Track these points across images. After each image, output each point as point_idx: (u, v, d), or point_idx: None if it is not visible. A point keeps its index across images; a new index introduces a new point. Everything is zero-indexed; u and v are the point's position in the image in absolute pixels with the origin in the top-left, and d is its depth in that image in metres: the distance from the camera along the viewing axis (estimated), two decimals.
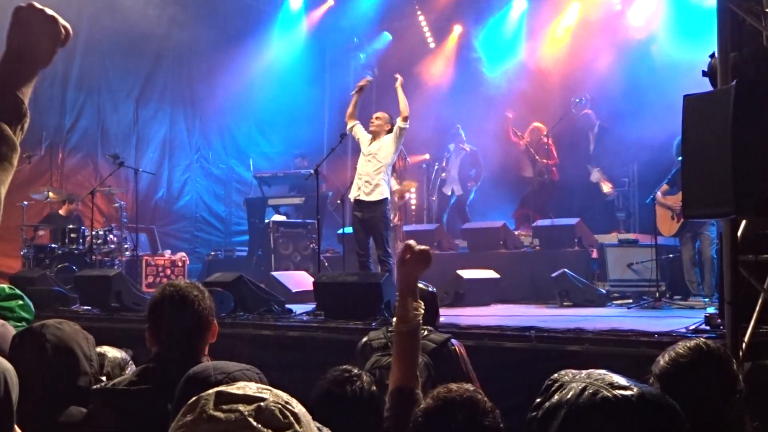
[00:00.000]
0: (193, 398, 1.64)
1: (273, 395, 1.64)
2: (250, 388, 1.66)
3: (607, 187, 13.67)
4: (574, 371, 1.99)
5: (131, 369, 3.88)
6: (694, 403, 2.49)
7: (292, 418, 1.61)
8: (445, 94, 17.01)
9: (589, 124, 14.00)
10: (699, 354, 2.79)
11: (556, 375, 1.99)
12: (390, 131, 10.45)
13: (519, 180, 15.05)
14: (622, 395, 1.83)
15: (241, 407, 1.59)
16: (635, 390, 1.85)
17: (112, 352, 3.99)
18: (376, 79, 18.86)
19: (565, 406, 1.87)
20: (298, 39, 18.61)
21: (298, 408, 1.64)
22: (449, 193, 15.59)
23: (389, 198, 10.48)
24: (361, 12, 18.06)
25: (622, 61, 14.43)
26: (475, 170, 15.37)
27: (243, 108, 18.19)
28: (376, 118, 10.93)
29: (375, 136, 10.68)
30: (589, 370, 1.97)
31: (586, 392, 1.86)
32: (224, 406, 1.60)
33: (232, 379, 2.75)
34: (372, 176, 10.36)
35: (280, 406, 1.62)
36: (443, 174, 15.70)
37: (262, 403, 1.61)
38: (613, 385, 1.86)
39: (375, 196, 10.30)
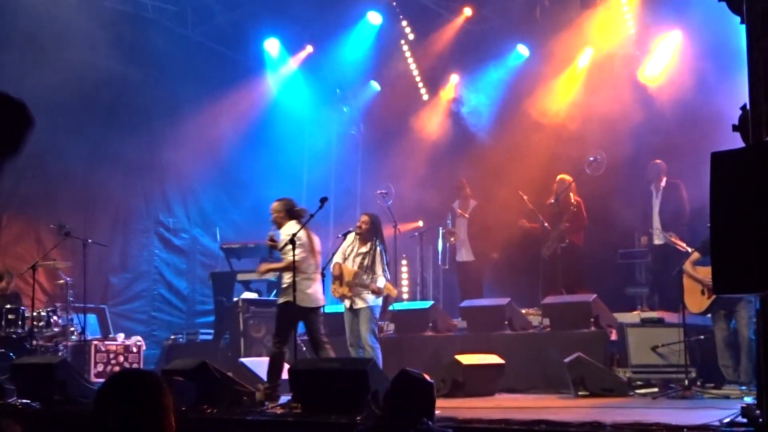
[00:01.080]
0: None
1: None
2: None
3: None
4: None
5: None
6: None
7: None
8: (440, 152, 17.11)
9: (655, 174, 13.83)
10: None
11: None
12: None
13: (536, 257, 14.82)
14: None
15: None
16: None
17: None
18: (362, 135, 19.03)
19: None
20: (273, 92, 18.73)
21: None
22: (460, 260, 15.61)
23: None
24: (345, 59, 18.21)
25: (641, 112, 14.57)
26: None
27: (210, 170, 18.25)
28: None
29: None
30: None
31: None
32: None
33: None
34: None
35: None
36: (452, 239, 15.68)
37: None
38: None
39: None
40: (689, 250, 11.53)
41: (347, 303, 11.36)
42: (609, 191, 14.30)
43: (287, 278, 10.38)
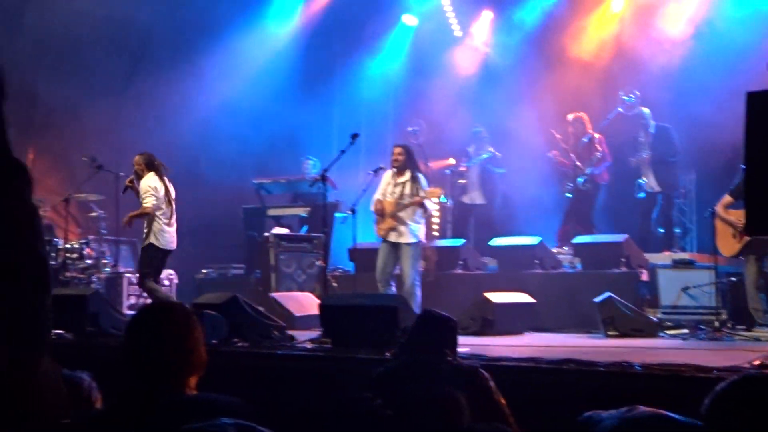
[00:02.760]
0: None
1: None
2: None
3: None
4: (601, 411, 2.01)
5: (96, 396, 3.89)
6: None
7: None
8: (471, 89, 16.99)
9: (641, 123, 13.84)
10: (743, 389, 2.69)
11: (585, 415, 2.01)
12: None
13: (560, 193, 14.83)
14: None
15: None
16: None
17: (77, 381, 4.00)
18: (394, 73, 18.87)
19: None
20: (305, 24, 18.66)
21: None
22: (468, 202, 15.59)
23: None
24: None
25: (677, 53, 14.41)
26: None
27: (240, 106, 18.20)
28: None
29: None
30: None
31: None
32: None
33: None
34: None
35: None
36: (462, 180, 15.66)
37: None
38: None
39: None
40: None
41: (392, 236, 11.42)
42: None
43: (147, 223, 11.49)
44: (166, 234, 11.51)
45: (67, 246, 13.52)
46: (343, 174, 16.27)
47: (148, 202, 11.36)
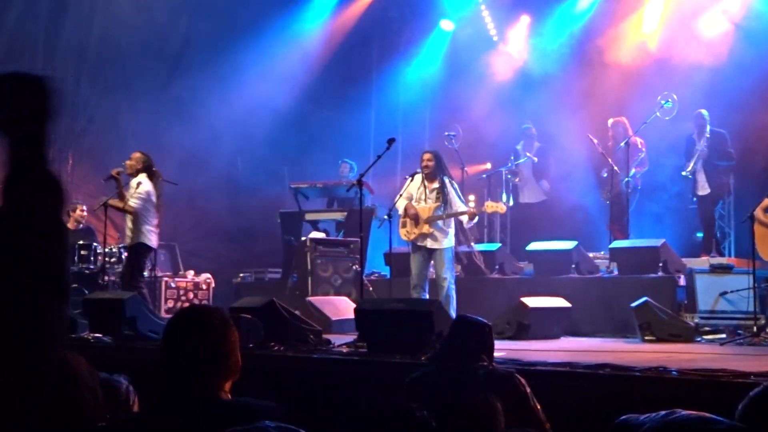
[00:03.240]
0: None
1: None
2: None
3: None
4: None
5: (133, 399, 3.93)
6: None
7: None
8: (507, 94, 16.98)
9: (699, 124, 13.69)
10: None
11: (623, 418, 2.02)
12: None
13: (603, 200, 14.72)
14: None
15: None
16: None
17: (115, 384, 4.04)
18: (431, 77, 18.90)
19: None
20: (341, 28, 18.70)
21: None
22: (525, 202, 15.58)
23: None
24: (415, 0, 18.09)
25: (715, 55, 14.33)
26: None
27: (277, 109, 18.30)
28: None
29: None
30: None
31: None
32: None
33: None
34: None
35: None
36: (517, 179, 15.63)
37: None
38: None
39: None
40: None
41: (427, 242, 11.44)
42: (679, 134, 14.12)
43: (134, 224, 12.13)
44: (155, 235, 12.26)
45: (106, 250, 13.63)
46: (379, 179, 16.33)
47: (135, 204, 11.97)
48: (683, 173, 13.72)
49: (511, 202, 15.57)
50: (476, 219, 12.29)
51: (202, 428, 3.09)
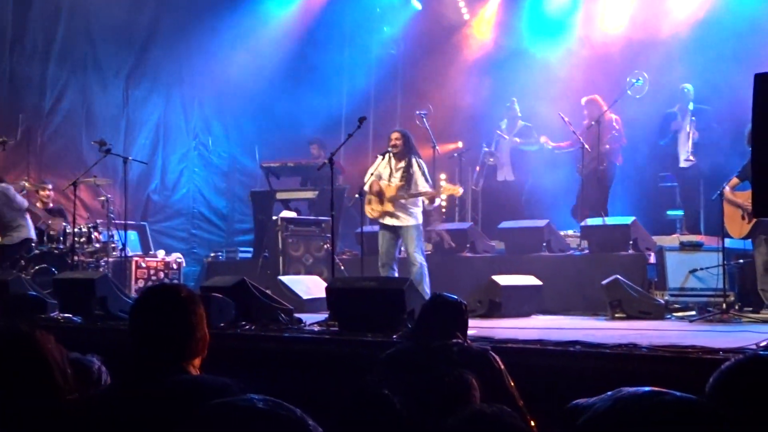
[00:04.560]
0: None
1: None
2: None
3: None
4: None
5: (105, 379, 3.92)
6: (748, 424, 2.45)
7: None
8: (480, 73, 16.95)
9: (683, 99, 13.73)
10: (749, 369, 2.68)
11: (570, 404, 2.04)
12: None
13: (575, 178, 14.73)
14: (659, 399, 1.88)
15: None
16: (671, 394, 1.89)
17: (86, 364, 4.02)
18: (402, 55, 18.88)
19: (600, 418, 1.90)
20: (311, 9, 18.59)
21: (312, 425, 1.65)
22: (502, 179, 15.56)
23: None
24: None
25: (687, 33, 14.36)
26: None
27: (249, 89, 18.24)
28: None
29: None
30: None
31: (618, 404, 1.90)
32: None
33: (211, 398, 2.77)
34: None
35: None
36: (491, 159, 15.59)
37: None
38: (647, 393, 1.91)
39: None
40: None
41: (389, 221, 11.45)
42: (654, 113, 14.14)
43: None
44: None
45: (76, 230, 13.54)
46: (351, 160, 16.31)
47: None
48: (661, 142, 13.78)
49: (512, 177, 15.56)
50: (437, 201, 12.25)
51: (164, 404, 3.08)
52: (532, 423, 2.84)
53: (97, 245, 14.03)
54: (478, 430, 2.69)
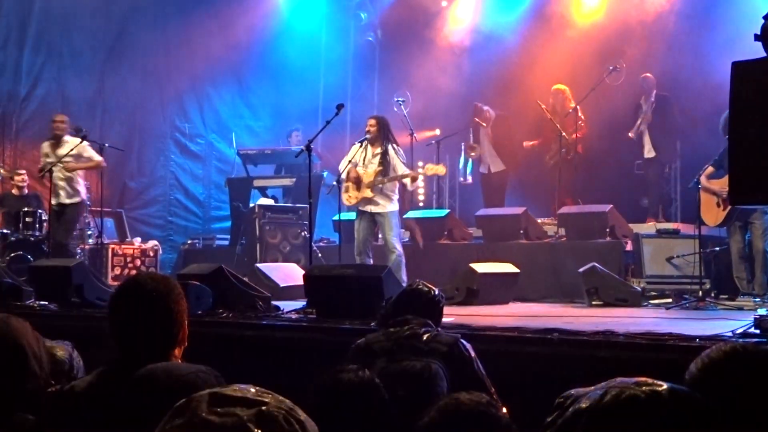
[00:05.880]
0: (183, 400, 1.64)
1: (275, 399, 1.64)
2: (248, 390, 1.66)
3: None
4: (582, 389, 2.04)
5: (78, 366, 3.91)
6: (732, 415, 2.45)
7: (297, 427, 1.60)
8: (458, 59, 16.94)
9: (646, 88, 13.77)
10: (734, 359, 2.69)
11: (565, 393, 2.03)
12: None
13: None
14: (652, 390, 1.86)
15: (238, 411, 1.59)
16: (665, 386, 1.88)
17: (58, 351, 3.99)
18: (380, 42, 18.85)
19: (586, 413, 1.89)
20: None
21: (304, 416, 1.64)
22: (486, 171, 15.52)
23: None
24: None
25: (665, 20, 14.40)
26: None
27: (226, 75, 18.19)
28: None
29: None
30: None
31: (608, 395, 1.89)
32: (219, 409, 1.60)
33: (183, 384, 2.76)
34: None
35: (284, 412, 1.61)
36: (473, 153, 15.51)
37: (263, 408, 1.60)
38: (639, 384, 1.90)
39: None
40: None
41: (367, 207, 11.45)
42: (630, 101, 14.17)
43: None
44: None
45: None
46: (329, 147, 16.29)
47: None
48: (630, 134, 13.83)
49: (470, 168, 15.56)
50: (419, 181, 12.25)
51: (138, 393, 3.07)
52: (504, 410, 2.83)
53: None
54: (455, 418, 2.69)
